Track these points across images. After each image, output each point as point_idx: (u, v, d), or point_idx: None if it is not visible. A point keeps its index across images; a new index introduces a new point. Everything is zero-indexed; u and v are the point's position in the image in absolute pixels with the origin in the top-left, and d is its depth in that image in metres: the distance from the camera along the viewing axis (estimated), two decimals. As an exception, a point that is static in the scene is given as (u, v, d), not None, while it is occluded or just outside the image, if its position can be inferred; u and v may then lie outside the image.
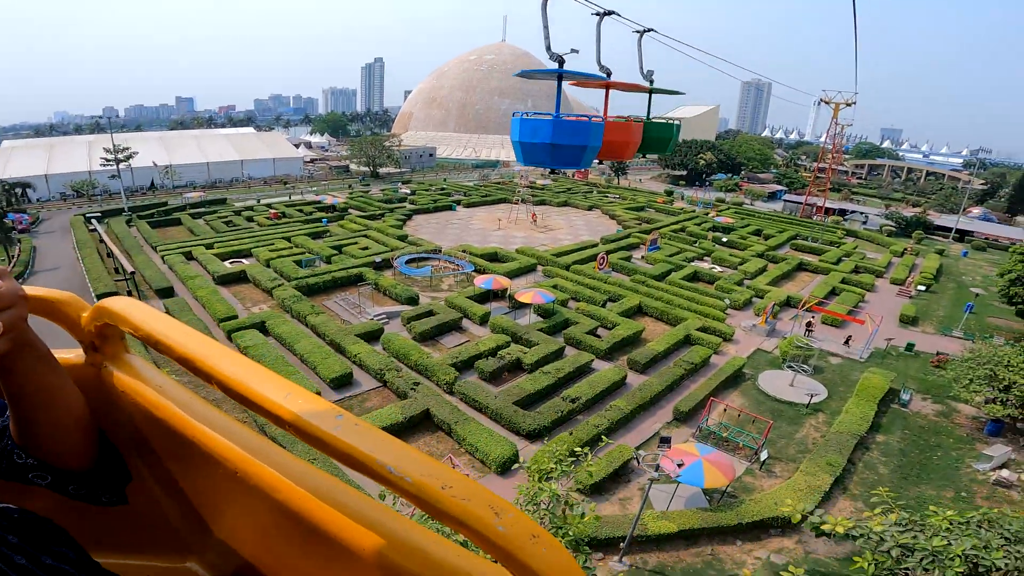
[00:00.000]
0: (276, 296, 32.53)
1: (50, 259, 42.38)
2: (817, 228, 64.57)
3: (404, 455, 0.81)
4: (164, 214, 55.77)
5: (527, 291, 29.65)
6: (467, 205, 65.03)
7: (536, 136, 7.31)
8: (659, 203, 72.82)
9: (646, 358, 26.01)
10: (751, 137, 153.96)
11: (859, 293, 38.47)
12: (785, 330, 31.69)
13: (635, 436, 21.54)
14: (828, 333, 32.23)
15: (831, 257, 47.65)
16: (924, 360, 29.79)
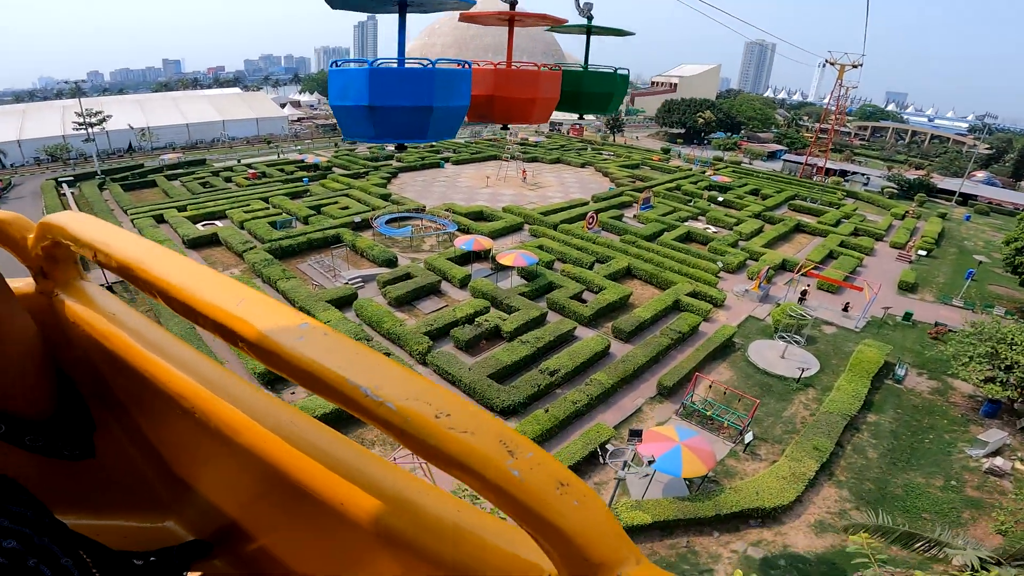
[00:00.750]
0: (247, 260, 30.97)
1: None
2: (817, 189, 62.64)
3: (386, 374, 0.66)
4: (139, 176, 53.56)
5: (509, 253, 28.09)
6: (456, 162, 62.59)
7: (348, 96, 4.07)
8: (655, 161, 70.43)
9: (631, 326, 24.67)
10: (753, 97, 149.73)
11: (857, 257, 36.99)
12: (779, 296, 30.35)
13: (615, 413, 20.33)
14: (824, 300, 30.92)
15: (830, 219, 45.97)
16: (922, 331, 28.52)
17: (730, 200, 49.71)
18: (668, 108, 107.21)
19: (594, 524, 0.55)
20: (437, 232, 35.73)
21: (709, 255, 33.94)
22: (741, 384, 22.43)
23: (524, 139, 79.10)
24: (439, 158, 62.25)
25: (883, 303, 29.93)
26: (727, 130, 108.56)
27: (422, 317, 26.29)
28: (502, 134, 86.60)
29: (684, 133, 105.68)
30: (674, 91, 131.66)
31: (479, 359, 22.50)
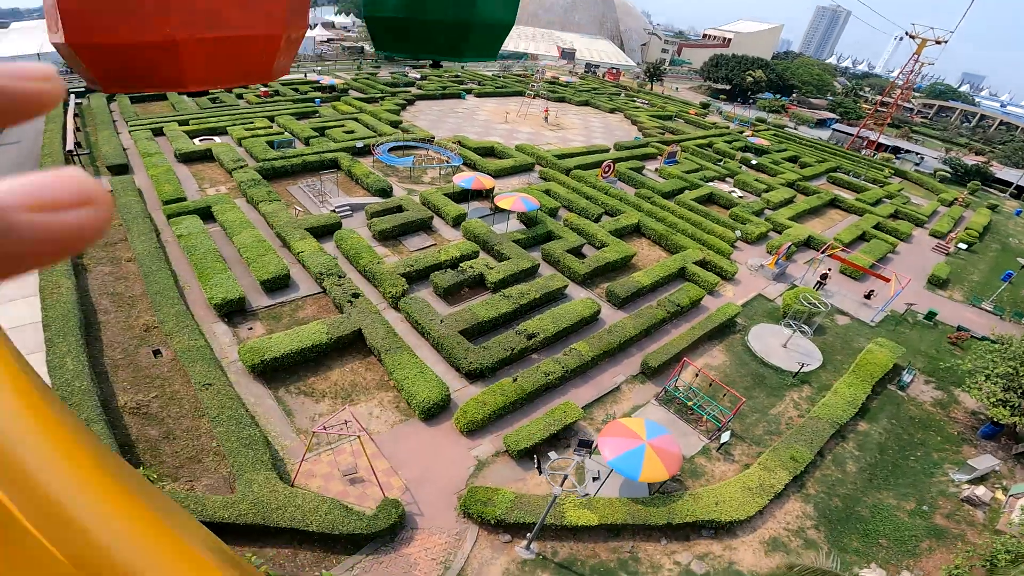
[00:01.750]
0: (235, 178, 29.21)
1: (19, 134, 39.12)
2: (863, 163, 58.10)
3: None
4: None
5: (509, 195, 25.80)
6: (479, 95, 59.12)
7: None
8: (691, 114, 65.78)
9: (627, 291, 22.52)
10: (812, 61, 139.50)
11: (891, 243, 33.79)
12: (796, 276, 27.82)
13: (591, 389, 18.47)
14: (844, 286, 28.25)
15: (870, 197, 42.25)
16: (942, 333, 25.93)
17: (764, 165, 46.07)
18: (716, 63, 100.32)
19: None
20: (440, 165, 33.36)
21: (729, 221, 31.19)
22: (734, 371, 20.42)
23: (555, 78, 74.49)
24: (461, 89, 58.76)
25: (908, 298, 27.27)
26: (777, 92, 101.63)
27: (406, 255, 24.54)
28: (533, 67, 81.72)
29: (729, 90, 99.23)
30: (726, 46, 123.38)
31: (456, 310, 20.74)
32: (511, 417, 16.74)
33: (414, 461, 15.09)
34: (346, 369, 18.03)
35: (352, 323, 18.67)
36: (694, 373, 19.26)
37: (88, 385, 15.15)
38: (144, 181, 29.78)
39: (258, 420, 15.79)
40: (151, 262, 21.37)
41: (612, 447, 13.33)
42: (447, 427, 16.20)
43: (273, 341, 17.32)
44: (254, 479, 13.12)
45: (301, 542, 12.64)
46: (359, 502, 13.75)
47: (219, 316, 19.55)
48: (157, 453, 14.52)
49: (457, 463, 15.21)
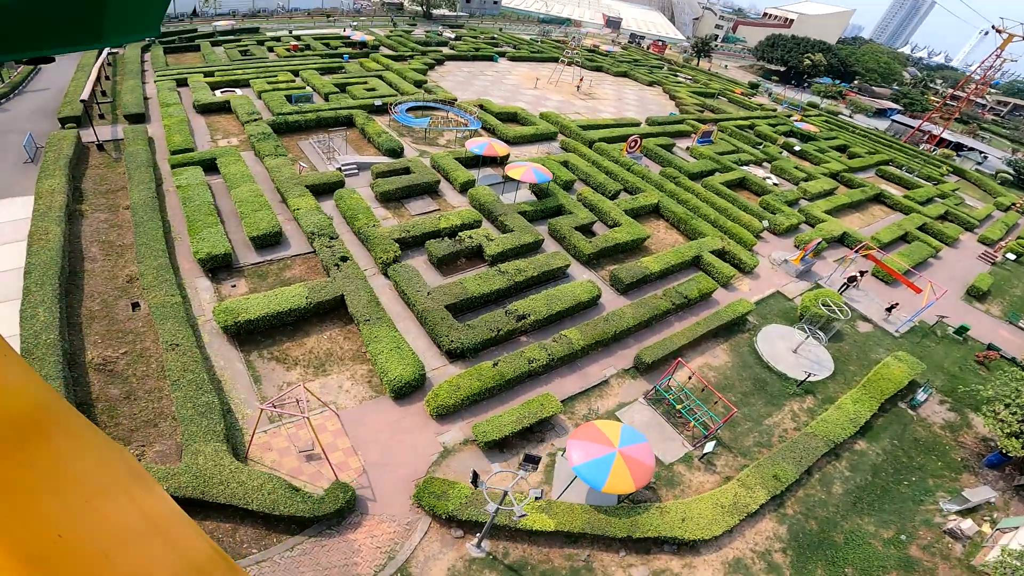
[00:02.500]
0: (247, 131, 28.47)
1: (49, 80, 39.17)
2: (920, 158, 53.97)
3: None
4: (187, 41, 52.11)
5: (520, 164, 24.29)
6: (512, 59, 56.84)
7: None
8: (736, 94, 62.08)
9: (633, 276, 20.97)
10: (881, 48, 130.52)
11: (934, 247, 30.96)
12: (822, 274, 25.67)
13: (577, 380, 17.22)
14: (874, 289, 26.01)
15: (920, 195, 38.97)
16: (970, 351, 23.62)
17: (808, 152, 42.95)
18: (772, 42, 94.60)
19: None
20: (457, 128, 31.91)
21: (757, 209, 28.96)
22: (734, 374, 18.85)
23: (595, 46, 71.23)
24: (495, 51, 56.57)
25: (942, 308, 24.92)
26: (837, 77, 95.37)
27: (406, 218, 23.52)
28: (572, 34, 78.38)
29: (783, 72, 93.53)
30: (787, 27, 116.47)
31: (447, 282, 19.65)
32: (487, 404, 15.72)
33: (377, 442, 14.27)
34: (324, 336, 17.24)
35: (335, 288, 17.80)
36: (687, 377, 17.76)
37: (55, 338, 14.69)
38: (158, 131, 29.54)
39: (223, 385, 15.19)
40: (144, 212, 20.86)
41: (581, 451, 12.19)
42: (418, 408, 15.30)
43: (250, 302, 16.60)
44: (202, 450, 12.46)
45: (243, 518, 12.03)
46: (312, 480, 13.03)
47: (204, 271, 18.96)
48: (115, 414, 14.01)
49: (422, 448, 14.33)
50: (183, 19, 67.41)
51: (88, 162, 26.23)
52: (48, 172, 22.62)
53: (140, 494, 0.96)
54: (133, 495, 0.95)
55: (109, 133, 29.74)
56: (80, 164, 25.70)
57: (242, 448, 13.47)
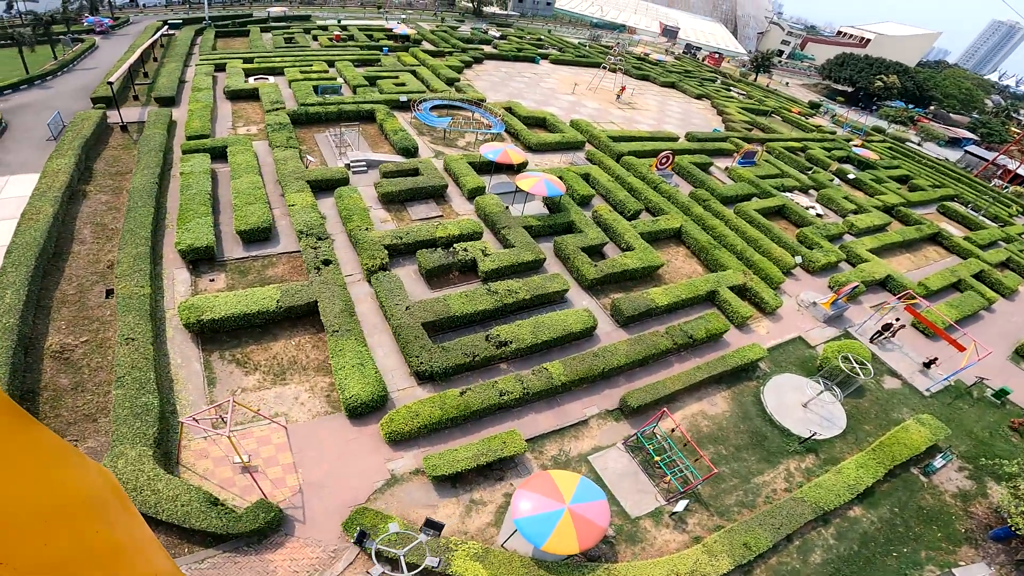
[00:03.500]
0: (266, 120, 28.06)
1: (100, 60, 40.29)
2: (989, 195, 49.36)
3: None
4: (239, 25, 53.32)
5: (532, 175, 22.78)
6: (554, 61, 55.33)
7: None
8: (793, 113, 58.54)
9: (636, 309, 19.12)
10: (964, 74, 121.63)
11: (987, 299, 27.45)
12: (854, 321, 23.05)
13: (554, 417, 15.67)
14: (912, 342, 23.18)
15: (983, 237, 35.17)
16: (1006, 415, 20.72)
17: (863, 181, 39.60)
18: (842, 61, 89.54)
19: None
20: (478, 130, 30.64)
21: (792, 243, 26.41)
22: (731, 425, 16.84)
23: (645, 54, 68.75)
24: (537, 53, 55.15)
25: (985, 369, 22.00)
26: (911, 102, 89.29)
27: (406, 222, 22.43)
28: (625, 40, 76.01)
29: (851, 93, 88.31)
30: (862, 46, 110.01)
31: (432, 296, 18.43)
32: (448, 433, 14.40)
33: (322, 461, 13.21)
34: (292, 343, 16.28)
35: (309, 293, 16.82)
36: (670, 429, 15.89)
37: (14, 322, 14.20)
38: (184, 116, 29.57)
39: (175, 385, 14.40)
40: (140, 197, 20.49)
41: (528, 503, 10.75)
42: (372, 430, 14.13)
43: (218, 300, 15.80)
44: (126, 453, 11.64)
45: (157, 525, 11.19)
46: (243, 494, 12.10)
47: (184, 263, 18.33)
48: (57, 405, 13.40)
49: (368, 473, 13.18)
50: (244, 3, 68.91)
51: (108, 143, 26.34)
52: (60, 151, 22.66)
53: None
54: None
55: (137, 115, 29.98)
56: (98, 144, 25.79)
57: (175, 453, 12.64)
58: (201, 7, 62.70)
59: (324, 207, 22.40)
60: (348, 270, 19.38)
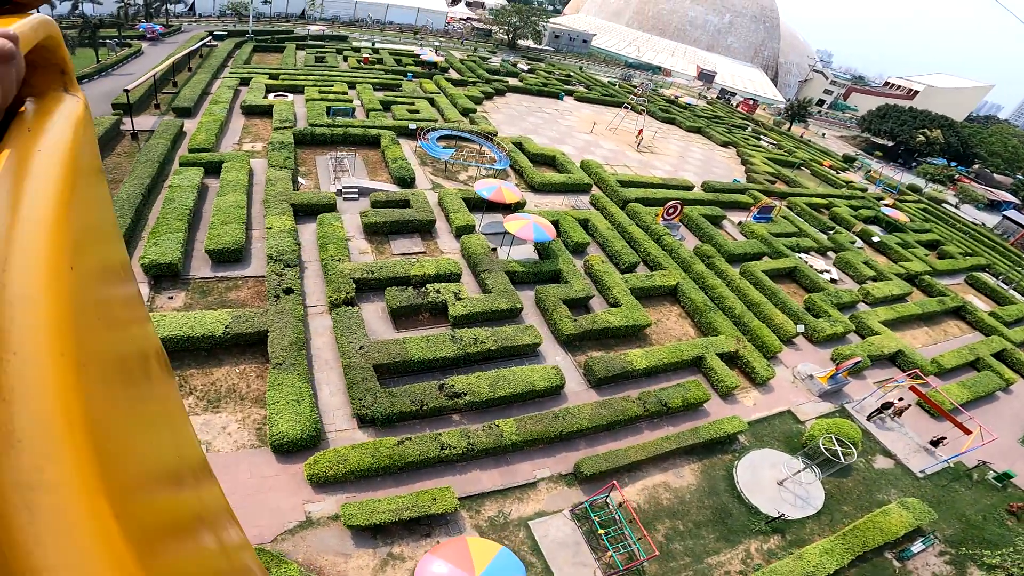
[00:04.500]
0: (271, 138, 28.08)
1: (141, 66, 41.68)
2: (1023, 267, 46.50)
3: None
4: (278, 41, 55.03)
5: (521, 218, 21.86)
6: (579, 98, 54.99)
7: None
8: (823, 167, 56.71)
9: (610, 370, 17.81)
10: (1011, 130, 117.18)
11: (1005, 380, 25.17)
12: (853, 397, 21.35)
13: (499, 476, 14.55)
14: (915, 422, 21.36)
15: (1010, 313, 32.67)
16: (1005, 499, 18.97)
17: (888, 245, 37.56)
18: (883, 113, 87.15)
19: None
20: (481, 165, 30.05)
21: (797, 310, 24.73)
22: (694, 499, 15.45)
23: (675, 97, 68.04)
24: (563, 89, 54.97)
25: (991, 452, 20.14)
26: (955, 159, 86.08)
27: (386, 256, 21.72)
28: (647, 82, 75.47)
29: (891, 147, 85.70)
30: (909, 98, 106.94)
31: (395, 337, 17.52)
32: (380, 481, 13.43)
33: (235, 494, 12.33)
34: (236, 370, 15.54)
35: (261, 321, 16.11)
36: (618, 503, 14.54)
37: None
38: (191, 125, 29.85)
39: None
40: (121, 207, 20.34)
41: (433, 573, 9.46)
42: (296, 469, 13.20)
43: (164, 320, 15.21)
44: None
45: None
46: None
47: (147, 278, 17.88)
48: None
49: (281, 513, 12.26)
50: (290, 20, 71.20)
51: (115, 150, 26.60)
52: (58, 154, 22.81)
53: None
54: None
55: (151, 124, 30.38)
56: (104, 151, 26.01)
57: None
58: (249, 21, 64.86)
59: (306, 233, 21.89)
60: (314, 301, 18.72)
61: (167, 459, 0.74)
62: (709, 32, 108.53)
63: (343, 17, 75.03)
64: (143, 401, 0.72)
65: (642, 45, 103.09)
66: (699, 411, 18.12)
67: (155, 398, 0.78)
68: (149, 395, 0.75)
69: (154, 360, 0.80)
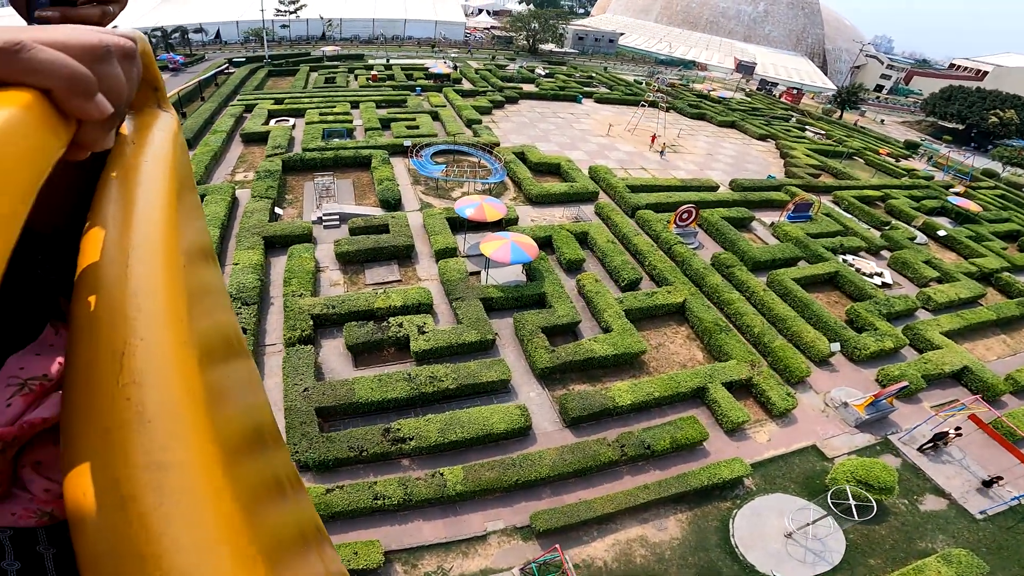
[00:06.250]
0: (260, 166, 27.29)
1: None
2: None
3: None
4: (293, 65, 55.53)
5: (498, 238, 19.55)
6: (599, 100, 52.20)
7: None
8: (880, 155, 51.20)
9: (587, 409, 15.20)
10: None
11: None
12: (902, 425, 17.58)
13: (444, 528, 12.61)
14: (978, 453, 17.23)
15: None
16: None
17: (957, 239, 32.61)
18: (948, 95, 79.24)
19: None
20: (475, 180, 28.03)
21: (835, 324, 21.06)
22: (675, 556, 12.74)
23: (709, 90, 63.84)
24: (582, 91, 52.49)
25: None
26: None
27: (359, 286, 20.02)
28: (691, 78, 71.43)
29: (961, 131, 77.58)
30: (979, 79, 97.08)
31: (344, 378, 15.68)
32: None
33: None
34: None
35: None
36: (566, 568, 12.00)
37: None
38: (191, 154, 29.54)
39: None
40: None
41: None
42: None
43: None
44: None
45: None
46: None
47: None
48: None
49: None
50: (310, 42, 72.32)
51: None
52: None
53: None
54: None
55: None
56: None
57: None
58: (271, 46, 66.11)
59: (278, 267, 20.57)
60: (273, 339, 17.36)
61: (255, 426, 0.77)
62: (744, 22, 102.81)
63: (362, 36, 75.60)
64: (236, 378, 0.77)
65: (673, 40, 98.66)
66: (697, 450, 15.16)
67: (242, 371, 0.82)
68: (238, 371, 0.80)
69: (235, 340, 0.84)
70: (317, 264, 20.87)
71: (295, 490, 0.92)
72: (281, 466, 0.88)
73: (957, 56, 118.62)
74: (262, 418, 0.84)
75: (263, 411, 0.87)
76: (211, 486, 0.42)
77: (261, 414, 0.84)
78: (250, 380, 0.87)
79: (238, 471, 0.49)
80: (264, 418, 0.86)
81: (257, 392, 0.88)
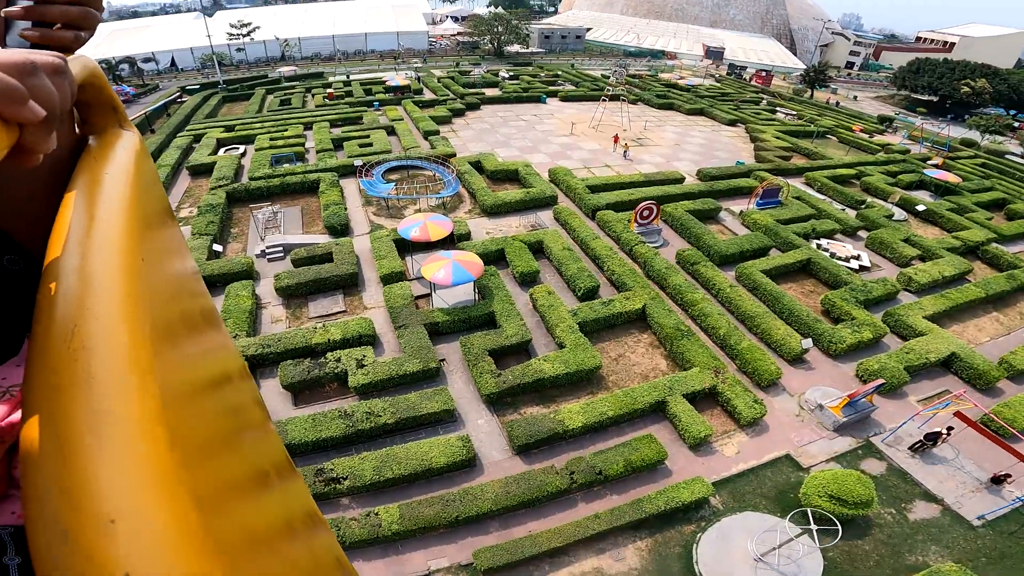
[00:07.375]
0: (202, 200, 26.07)
1: None
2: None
3: None
4: (248, 88, 54.22)
5: (439, 258, 18.32)
6: (565, 98, 51.21)
7: None
8: (853, 132, 50.27)
9: (534, 435, 14.00)
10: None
11: None
12: (882, 426, 16.34)
13: (384, 568, 11.67)
14: (974, 450, 15.86)
15: (1115, 278, 26.00)
16: None
17: (938, 212, 31.43)
18: (917, 68, 78.61)
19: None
20: (429, 195, 26.82)
21: (808, 317, 19.84)
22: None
23: (676, 79, 62.93)
24: (547, 91, 51.45)
25: None
26: (1012, 107, 76.21)
27: (302, 321, 18.81)
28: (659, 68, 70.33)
29: (936, 103, 76.78)
30: (947, 51, 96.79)
31: (291, 416, 14.40)
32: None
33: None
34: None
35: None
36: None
37: None
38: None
39: None
40: None
41: None
42: None
43: None
44: None
45: None
46: None
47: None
48: None
49: None
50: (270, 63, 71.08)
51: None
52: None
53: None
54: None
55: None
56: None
57: None
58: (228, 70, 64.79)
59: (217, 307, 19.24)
60: (203, 390, 16.00)
61: (217, 391, 0.82)
62: (708, 7, 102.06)
63: (323, 53, 74.39)
64: (204, 348, 0.84)
65: (641, 31, 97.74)
66: (658, 470, 13.95)
67: (207, 344, 0.89)
68: (204, 343, 0.86)
69: (201, 317, 0.91)
70: (258, 300, 19.67)
71: (282, 477, 0.92)
72: (266, 451, 0.91)
73: (922, 26, 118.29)
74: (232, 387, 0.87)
75: (235, 384, 0.89)
76: (148, 434, 0.43)
77: (232, 386, 0.87)
78: (222, 348, 0.94)
79: (185, 428, 0.51)
80: (241, 398, 0.90)
81: (228, 360, 0.94)
